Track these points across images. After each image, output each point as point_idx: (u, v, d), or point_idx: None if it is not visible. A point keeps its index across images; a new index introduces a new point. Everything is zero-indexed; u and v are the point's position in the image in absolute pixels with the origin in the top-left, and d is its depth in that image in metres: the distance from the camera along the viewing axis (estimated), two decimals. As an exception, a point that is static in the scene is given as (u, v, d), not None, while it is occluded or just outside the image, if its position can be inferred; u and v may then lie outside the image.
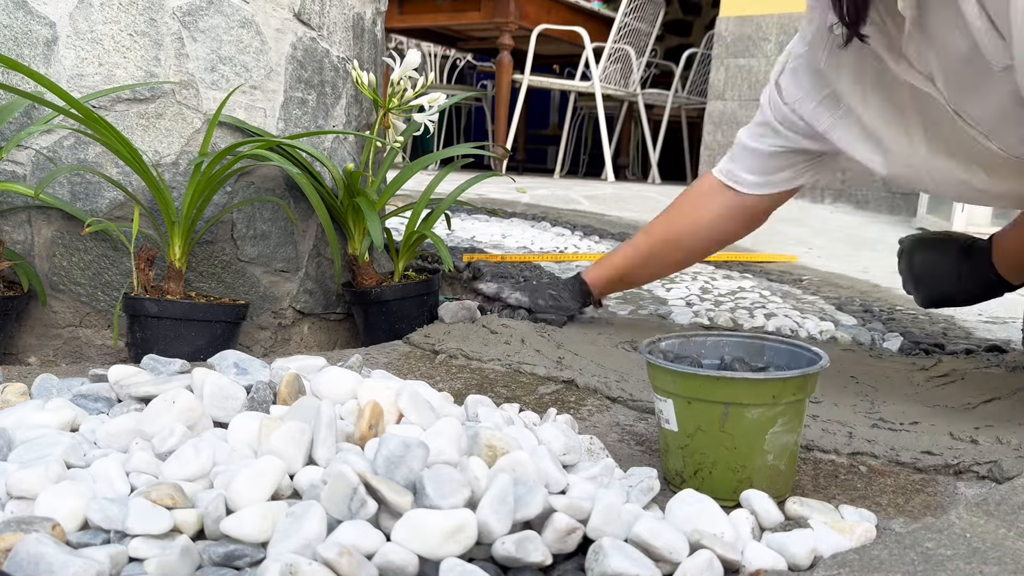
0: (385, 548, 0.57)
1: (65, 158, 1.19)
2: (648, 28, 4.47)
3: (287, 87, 1.35)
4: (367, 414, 0.74)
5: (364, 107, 1.54)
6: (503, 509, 0.61)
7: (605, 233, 2.45)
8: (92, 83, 1.19)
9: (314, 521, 0.57)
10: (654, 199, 3.39)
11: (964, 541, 0.66)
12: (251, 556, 0.57)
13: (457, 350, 1.21)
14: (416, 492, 0.62)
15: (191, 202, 1.17)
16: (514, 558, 0.59)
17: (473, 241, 2.19)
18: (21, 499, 0.63)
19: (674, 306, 1.55)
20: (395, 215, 1.48)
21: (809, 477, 0.83)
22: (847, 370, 1.20)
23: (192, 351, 1.16)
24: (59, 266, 1.22)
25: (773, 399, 0.72)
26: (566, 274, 1.81)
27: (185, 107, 1.24)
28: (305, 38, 1.37)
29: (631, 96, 4.60)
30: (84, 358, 1.25)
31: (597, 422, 0.97)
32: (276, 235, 1.37)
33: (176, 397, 0.75)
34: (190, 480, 0.66)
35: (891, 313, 1.60)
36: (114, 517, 0.59)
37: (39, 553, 0.53)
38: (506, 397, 1.04)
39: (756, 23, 3.91)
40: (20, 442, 0.71)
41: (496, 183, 3.57)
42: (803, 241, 2.52)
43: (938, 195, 1.08)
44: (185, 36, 1.23)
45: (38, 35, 1.16)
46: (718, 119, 4.07)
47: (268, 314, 1.38)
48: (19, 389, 0.84)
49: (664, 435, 0.79)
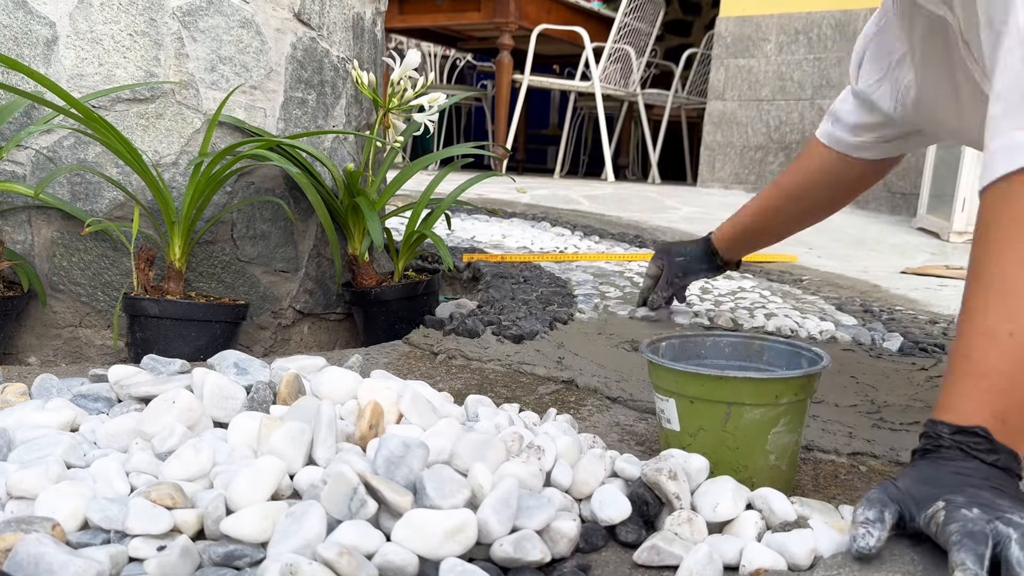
0: (385, 548, 0.57)
1: (65, 158, 1.19)
2: (648, 28, 4.47)
3: (287, 87, 1.35)
4: (367, 414, 0.74)
5: (364, 107, 1.54)
6: (505, 511, 0.61)
7: (605, 233, 2.45)
8: (92, 83, 1.19)
9: (314, 521, 0.57)
10: (654, 199, 3.39)
11: (964, 541, 0.66)
12: (251, 556, 0.57)
13: (457, 350, 1.21)
14: (416, 492, 0.62)
15: (191, 202, 1.17)
16: (512, 559, 0.59)
17: (473, 241, 2.19)
18: (21, 499, 0.63)
19: (674, 306, 1.55)
20: (395, 215, 1.48)
21: (809, 477, 0.83)
22: (847, 370, 1.20)
23: (192, 351, 1.16)
24: (59, 266, 1.22)
25: (776, 399, 0.72)
26: (566, 274, 1.81)
27: (185, 107, 1.24)
28: (305, 38, 1.37)
29: (631, 96, 4.60)
30: (84, 358, 1.25)
31: (597, 422, 0.97)
32: (276, 235, 1.37)
33: (176, 397, 0.75)
34: (190, 480, 0.66)
35: (891, 313, 1.60)
36: (114, 517, 0.59)
37: (39, 553, 0.53)
38: (506, 397, 1.04)
39: (756, 23, 3.91)
40: (20, 442, 0.71)
41: (496, 183, 3.57)
42: (803, 241, 2.52)
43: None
44: (185, 36, 1.23)
45: (38, 35, 1.16)
46: (718, 119, 4.06)
47: (268, 314, 1.38)
48: (19, 389, 0.84)
49: (665, 435, 0.79)
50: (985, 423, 0.64)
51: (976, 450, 0.64)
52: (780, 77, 3.86)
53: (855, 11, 3.62)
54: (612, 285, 1.73)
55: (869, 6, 3.56)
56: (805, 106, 3.80)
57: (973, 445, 0.64)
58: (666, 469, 0.68)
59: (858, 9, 3.60)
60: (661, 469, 0.68)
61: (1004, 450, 0.64)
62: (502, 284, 1.64)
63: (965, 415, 0.66)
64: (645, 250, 2.19)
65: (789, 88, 3.83)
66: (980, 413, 0.65)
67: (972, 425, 0.65)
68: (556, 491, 0.69)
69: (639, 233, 2.51)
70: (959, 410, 0.66)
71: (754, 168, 3.96)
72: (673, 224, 2.73)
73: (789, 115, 3.85)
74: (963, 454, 0.64)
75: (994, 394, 0.66)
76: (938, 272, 2.16)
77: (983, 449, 0.64)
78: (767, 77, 3.89)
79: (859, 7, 3.60)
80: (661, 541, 0.64)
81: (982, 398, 0.66)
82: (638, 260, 2.04)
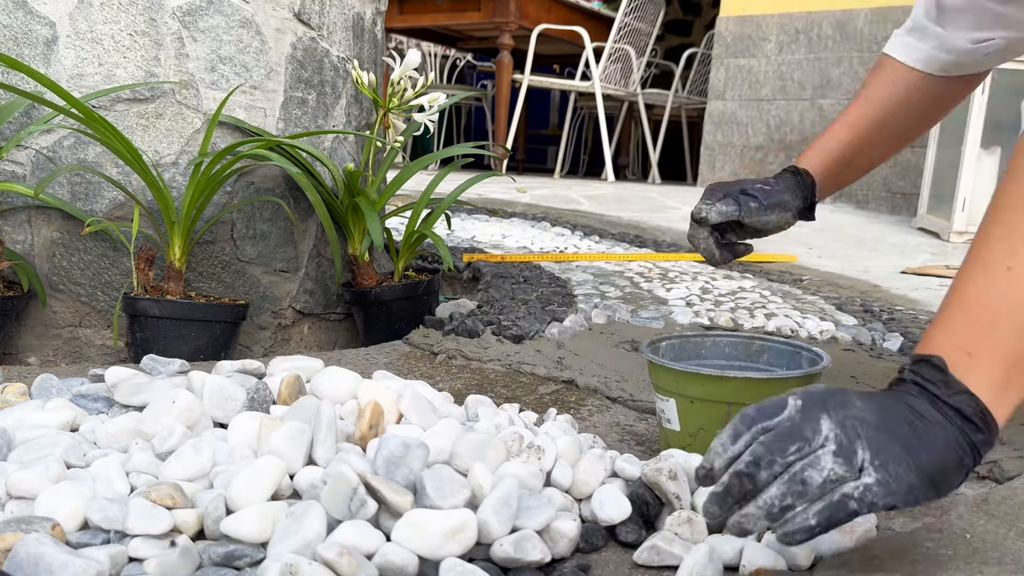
0: (385, 548, 0.57)
1: (65, 158, 1.19)
2: (648, 28, 4.47)
3: (287, 87, 1.35)
4: (368, 414, 0.74)
5: (364, 107, 1.54)
6: (505, 512, 0.61)
7: (605, 233, 2.45)
8: (92, 83, 1.19)
9: (314, 521, 0.57)
10: (654, 199, 3.39)
11: (964, 541, 0.66)
12: (251, 556, 0.57)
13: (457, 350, 1.21)
14: (416, 492, 0.62)
15: (191, 202, 1.17)
16: (513, 559, 0.59)
17: (473, 241, 2.19)
18: (21, 499, 0.63)
19: (674, 306, 1.55)
20: (395, 215, 1.48)
21: (809, 477, 0.83)
22: (847, 370, 1.20)
23: (192, 351, 1.16)
24: (59, 266, 1.22)
25: (774, 399, 0.72)
26: (566, 274, 1.81)
27: (185, 107, 1.24)
28: (305, 38, 1.37)
29: (631, 96, 4.60)
30: (84, 358, 1.24)
31: (597, 422, 0.97)
32: (276, 235, 1.37)
33: (176, 397, 0.75)
34: (190, 480, 0.66)
35: (891, 313, 1.60)
36: (114, 517, 0.59)
37: (39, 553, 0.53)
38: (506, 397, 1.04)
39: (756, 23, 3.91)
40: (20, 442, 0.71)
41: (496, 183, 3.57)
42: (803, 241, 2.52)
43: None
44: (185, 36, 1.23)
45: (38, 35, 1.16)
46: (718, 119, 4.06)
47: (268, 314, 1.38)
48: (19, 389, 0.84)
49: (665, 435, 0.79)
50: (945, 354, 0.60)
51: (928, 382, 0.59)
52: (780, 77, 3.86)
53: (855, 11, 3.61)
54: (612, 285, 1.73)
55: (869, 6, 3.56)
56: (805, 106, 3.80)
57: (926, 376, 0.60)
58: (666, 469, 0.68)
59: (858, 9, 3.60)
60: (661, 469, 0.68)
61: (959, 387, 0.58)
62: (502, 284, 1.64)
63: (931, 344, 0.62)
64: (645, 250, 2.19)
65: (789, 88, 3.83)
66: (944, 344, 0.61)
67: (930, 354, 0.60)
68: (556, 491, 0.69)
69: (639, 233, 2.51)
70: (929, 340, 0.62)
71: (754, 168, 3.96)
72: (673, 224, 2.73)
73: (789, 115, 3.84)
74: (915, 387, 0.60)
75: (969, 325, 0.61)
76: (938, 272, 2.16)
77: (935, 381, 0.59)
78: (767, 77, 3.89)
79: (859, 7, 3.60)
80: (661, 541, 0.64)
81: (955, 328, 0.62)
82: (638, 260, 2.04)
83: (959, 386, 0.58)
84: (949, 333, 0.61)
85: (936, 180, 2.99)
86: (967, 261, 0.64)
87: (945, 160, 2.89)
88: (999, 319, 0.60)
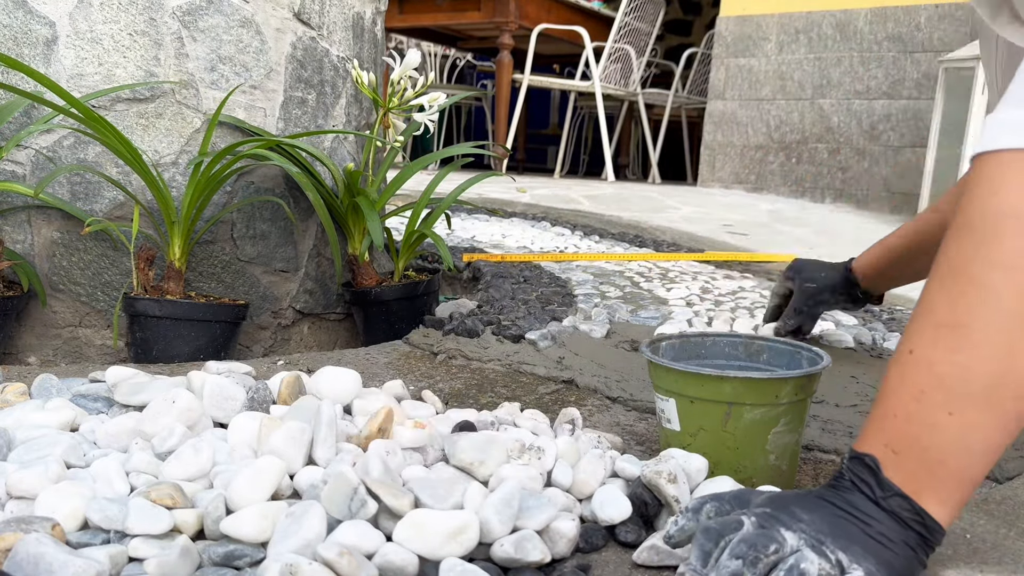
0: (385, 548, 0.57)
1: (65, 158, 1.19)
2: (648, 28, 4.47)
3: (287, 87, 1.35)
4: (380, 416, 0.74)
5: (364, 107, 1.54)
6: (506, 512, 0.61)
7: (605, 233, 2.45)
8: (92, 83, 1.19)
9: (314, 521, 0.57)
10: (654, 199, 3.39)
11: (964, 541, 0.66)
12: (251, 556, 0.57)
13: (457, 350, 1.21)
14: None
15: (191, 202, 1.17)
16: (513, 559, 0.59)
17: (473, 241, 2.19)
18: (21, 499, 0.62)
19: (674, 306, 1.55)
20: (395, 215, 1.48)
21: (810, 477, 0.83)
22: (847, 370, 1.20)
23: (192, 351, 1.16)
24: (59, 266, 1.22)
25: (776, 399, 0.72)
26: (566, 274, 1.81)
27: (185, 107, 1.24)
28: (305, 38, 1.37)
29: (631, 96, 4.60)
30: (84, 358, 1.24)
31: (597, 422, 0.97)
32: (276, 235, 1.37)
33: (176, 397, 0.75)
34: (190, 480, 0.66)
35: (891, 313, 1.60)
36: (114, 517, 0.59)
37: (39, 553, 0.53)
38: (506, 397, 1.04)
39: (756, 23, 3.91)
40: (20, 442, 0.71)
41: (496, 183, 3.56)
42: (804, 241, 2.52)
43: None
44: (185, 36, 1.23)
45: (38, 35, 1.16)
46: (718, 119, 4.06)
47: (268, 314, 1.38)
48: (19, 389, 0.84)
49: (665, 434, 0.79)
50: (876, 452, 0.57)
51: (862, 482, 0.56)
52: (780, 77, 3.86)
53: (855, 11, 3.61)
54: (612, 285, 1.73)
55: (869, 6, 3.56)
56: (805, 106, 3.80)
57: (861, 477, 0.57)
58: (665, 472, 0.68)
59: (858, 9, 3.60)
60: (660, 472, 0.68)
61: (893, 490, 0.55)
62: (502, 284, 1.64)
63: (864, 439, 0.59)
64: (645, 250, 2.19)
65: (789, 88, 3.83)
66: (872, 441, 0.58)
67: (863, 452, 0.58)
68: (557, 491, 0.69)
69: (639, 233, 2.51)
70: (864, 433, 0.59)
71: (754, 168, 3.96)
72: (673, 224, 2.73)
73: (789, 115, 3.85)
74: (852, 487, 0.57)
75: (888, 419, 0.57)
76: (938, 272, 2.15)
77: (869, 482, 0.56)
78: (767, 77, 3.89)
79: (859, 7, 3.60)
80: (661, 541, 0.64)
81: (880, 422, 0.58)
82: (638, 260, 2.04)
83: (891, 488, 0.56)
84: (877, 428, 0.58)
85: (936, 180, 2.99)
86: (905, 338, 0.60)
87: (945, 160, 2.89)
88: (910, 412, 0.56)
